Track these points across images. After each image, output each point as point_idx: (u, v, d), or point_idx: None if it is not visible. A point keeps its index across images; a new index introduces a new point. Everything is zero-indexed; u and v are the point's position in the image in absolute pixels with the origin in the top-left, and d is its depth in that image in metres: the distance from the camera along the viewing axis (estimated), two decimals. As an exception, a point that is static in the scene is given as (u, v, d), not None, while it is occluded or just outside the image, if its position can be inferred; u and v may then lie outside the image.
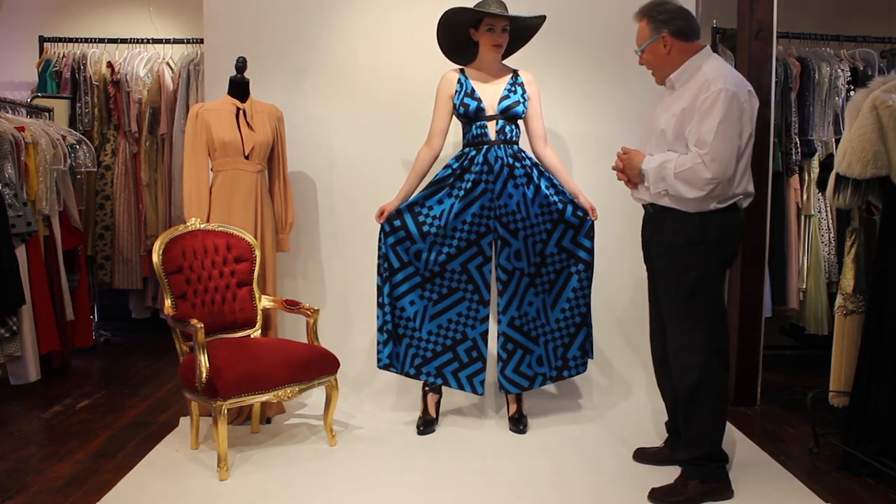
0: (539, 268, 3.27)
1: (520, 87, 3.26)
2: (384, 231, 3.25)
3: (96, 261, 4.93)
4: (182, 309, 3.02)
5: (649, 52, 2.63)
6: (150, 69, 4.94)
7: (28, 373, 3.81)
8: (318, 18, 3.77)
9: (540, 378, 3.31)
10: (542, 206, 3.23)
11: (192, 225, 3.17)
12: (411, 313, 3.28)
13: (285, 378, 2.88)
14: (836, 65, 4.36)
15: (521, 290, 3.25)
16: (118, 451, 3.07)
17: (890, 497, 2.65)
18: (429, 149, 3.30)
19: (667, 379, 2.79)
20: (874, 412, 2.80)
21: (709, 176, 2.43)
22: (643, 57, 2.67)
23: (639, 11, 2.65)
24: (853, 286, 3.07)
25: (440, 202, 3.24)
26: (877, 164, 2.75)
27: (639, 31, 2.66)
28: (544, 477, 2.82)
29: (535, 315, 3.28)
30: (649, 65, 2.68)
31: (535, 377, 3.30)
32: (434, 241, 3.23)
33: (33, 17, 5.28)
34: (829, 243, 4.42)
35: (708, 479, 2.58)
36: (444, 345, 3.28)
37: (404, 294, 3.27)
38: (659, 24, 2.59)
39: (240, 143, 3.26)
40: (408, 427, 3.33)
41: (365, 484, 2.74)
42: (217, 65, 3.66)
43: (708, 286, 2.56)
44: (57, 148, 4.11)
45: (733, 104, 2.43)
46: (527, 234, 3.22)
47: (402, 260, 3.25)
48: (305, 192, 3.79)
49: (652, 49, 2.62)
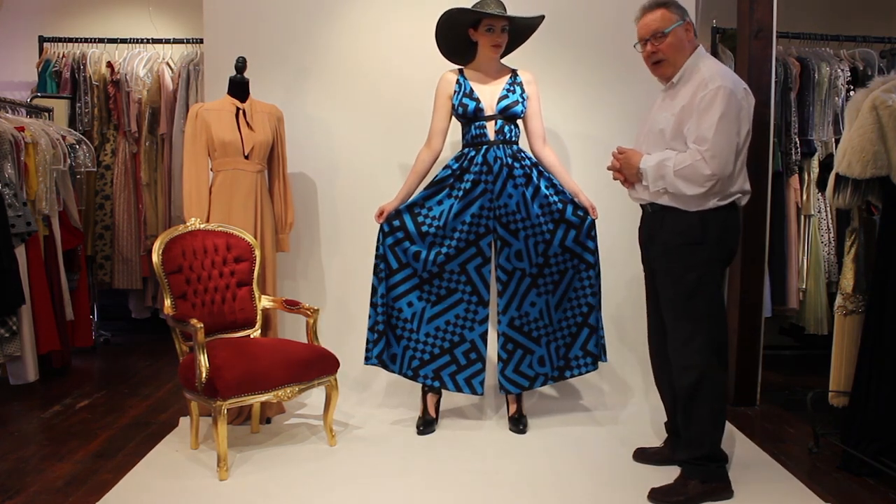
0: (542, 268, 3.26)
1: (519, 87, 3.26)
2: (383, 231, 3.25)
3: (96, 261, 4.93)
4: (182, 309, 3.02)
5: (673, 35, 2.57)
6: (150, 69, 4.94)
7: (28, 373, 3.81)
8: (318, 18, 3.77)
9: (541, 378, 3.30)
10: (543, 207, 3.23)
11: (192, 225, 3.17)
12: (409, 314, 3.27)
13: (285, 378, 2.88)
14: (835, 65, 4.36)
15: (521, 290, 3.24)
16: (118, 451, 3.07)
17: (890, 497, 2.65)
18: (428, 149, 3.30)
19: (666, 379, 2.79)
20: (874, 412, 2.80)
21: (709, 172, 2.44)
22: (664, 42, 2.58)
23: (653, 2, 2.61)
24: (853, 286, 3.07)
25: (440, 203, 3.24)
26: (876, 164, 2.75)
27: (659, 18, 2.58)
28: (544, 477, 2.82)
29: (538, 315, 3.27)
30: (669, 50, 2.58)
31: (537, 377, 3.29)
32: (433, 241, 3.23)
33: (33, 17, 5.29)
34: (828, 243, 4.42)
35: (708, 479, 2.58)
36: (441, 347, 3.28)
37: (402, 295, 3.27)
38: (681, 10, 2.61)
39: (240, 143, 3.26)
40: (408, 427, 3.33)
41: (365, 484, 2.74)
42: (217, 65, 3.66)
43: (707, 286, 2.56)
44: (57, 148, 4.11)
45: (732, 101, 2.44)
46: (528, 235, 3.22)
47: (400, 261, 3.25)
48: (305, 192, 3.79)
49: (676, 33, 2.58)
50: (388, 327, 3.28)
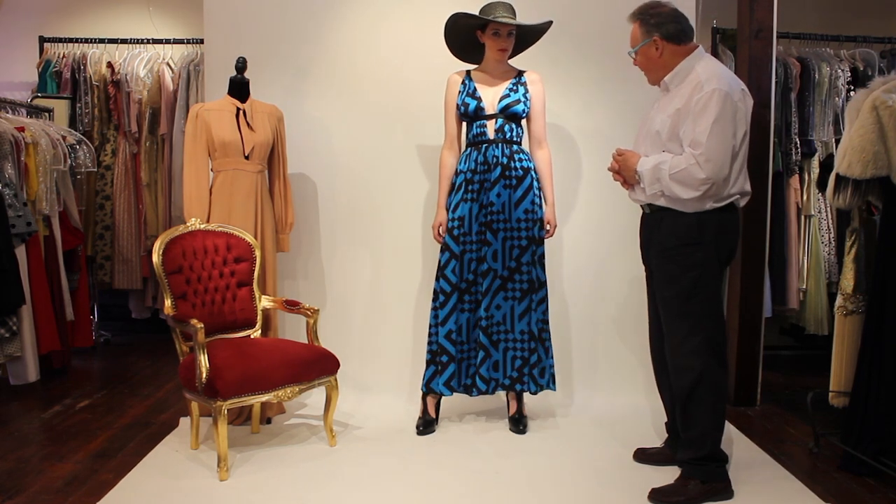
0: (513, 273, 3.24)
1: (522, 87, 3.26)
2: (440, 263, 3.26)
3: (96, 261, 4.93)
4: (182, 309, 3.02)
5: (641, 54, 2.66)
6: (150, 69, 4.94)
7: (28, 373, 3.81)
8: (318, 18, 3.77)
9: (493, 384, 3.28)
10: (527, 213, 3.22)
11: (192, 225, 3.17)
12: (455, 328, 3.27)
13: (285, 378, 2.88)
14: (836, 65, 4.36)
15: (491, 291, 3.24)
16: (118, 451, 3.07)
17: (890, 497, 2.65)
18: (450, 151, 3.32)
19: (666, 379, 2.79)
20: (874, 412, 2.80)
21: (703, 176, 2.44)
22: (636, 59, 2.69)
23: (632, 14, 2.67)
24: (853, 286, 3.07)
25: (460, 209, 3.24)
26: (877, 164, 2.75)
27: (632, 34, 2.69)
28: (544, 477, 2.82)
29: (501, 320, 3.25)
30: (642, 66, 2.70)
31: (490, 382, 3.27)
32: (465, 250, 3.24)
33: (33, 17, 5.28)
34: (829, 243, 4.42)
35: (708, 479, 2.58)
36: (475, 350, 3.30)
37: (448, 316, 3.26)
38: (650, 28, 2.60)
39: (240, 143, 3.25)
40: (408, 427, 3.33)
41: (365, 484, 2.74)
42: (217, 65, 3.66)
43: (706, 286, 2.56)
44: (57, 148, 4.11)
45: (727, 104, 2.43)
46: (505, 237, 3.22)
47: (451, 283, 3.25)
48: (305, 192, 3.79)
49: (644, 52, 2.64)
50: (442, 353, 3.27)
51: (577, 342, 3.79)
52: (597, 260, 3.79)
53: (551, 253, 3.53)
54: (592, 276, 3.79)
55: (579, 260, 3.79)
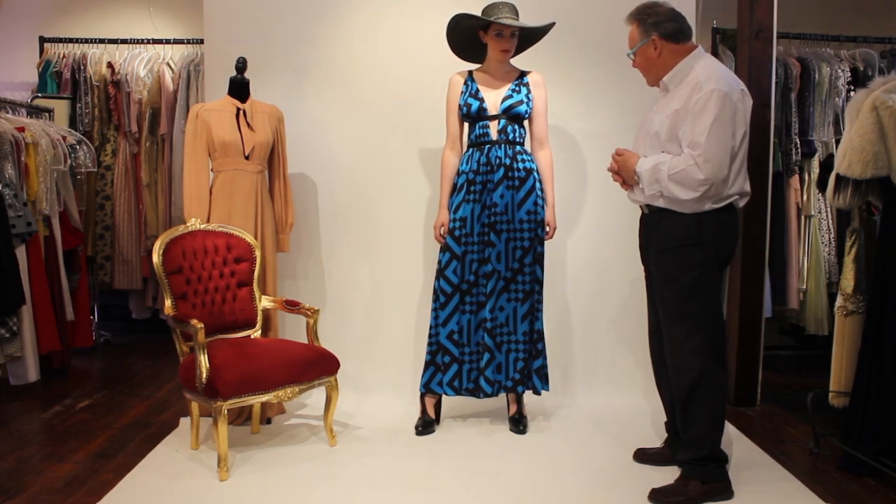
0: (516, 274, 3.24)
1: (525, 88, 3.26)
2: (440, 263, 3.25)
3: (96, 261, 4.93)
4: (182, 309, 3.02)
5: (640, 55, 2.65)
6: (151, 69, 4.94)
7: (28, 373, 3.81)
8: (318, 18, 3.77)
9: (497, 386, 3.29)
10: (529, 214, 3.22)
11: (193, 225, 3.17)
12: (457, 329, 3.27)
13: (285, 378, 2.88)
14: (836, 65, 4.36)
15: (496, 292, 3.24)
16: (118, 451, 3.07)
17: (890, 497, 2.65)
18: (452, 151, 3.32)
19: (665, 379, 2.79)
20: (874, 412, 2.80)
21: (702, 177, 2.44)
22: (635, 60, 2.69)
23: (630, 14, 2.67)
24: (853, 286, 3.07)
25: (462, 209, 3.24)
26: (877, 164, 2.75)
27: (630, 34, 2.68)
28: (544, 477, 2.82)
29: (504, 322, 3.26)
30: (641, 67, 2.70)
31: (494, 384, 3.28)
32: (466, 251, 3.24)
33: (33, 17, 5.28)
34: (829, 243, 4.42)
35: (708, 479, 2.58)
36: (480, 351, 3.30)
37: (450, 317, 3.26)
38: (649, 28, 2.60)
39: (240, 143, 3.26)
40: (408, 427, 3.33)
41: (365, 484, 2.74)
42: (217, 65, 3.66)
43: (705, 287, 2.56)
44: (57, 148, 4.11)
45: (726, 104, 2.43)
46: (508, 238, 3.22)
47: (452, 283, 3.25)
48: (305, 192, 3.79)
49: (642, 52, 2.64)
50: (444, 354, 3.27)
51: (578, 342, 3.79)
52: (597, 260, 3.79)
53: (551, 253, 3.52)
54: (593, 276, 3.79)
55: (580, 260, 3.79)
